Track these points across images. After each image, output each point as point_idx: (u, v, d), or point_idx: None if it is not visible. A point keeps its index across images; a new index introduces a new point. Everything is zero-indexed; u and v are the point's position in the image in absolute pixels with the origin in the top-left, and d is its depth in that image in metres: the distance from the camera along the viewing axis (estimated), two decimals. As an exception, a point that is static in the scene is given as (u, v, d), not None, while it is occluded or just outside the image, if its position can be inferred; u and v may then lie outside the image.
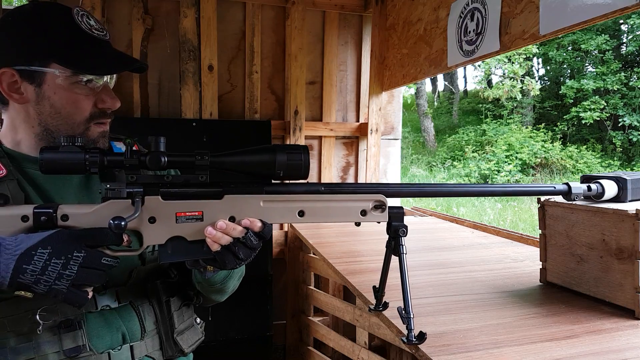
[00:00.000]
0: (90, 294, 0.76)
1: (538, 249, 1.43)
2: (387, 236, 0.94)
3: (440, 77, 17.78)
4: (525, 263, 1.65)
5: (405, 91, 14.80)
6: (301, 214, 0.83)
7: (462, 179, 10.69)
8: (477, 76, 14.68)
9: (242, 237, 0.78)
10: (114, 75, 0.92)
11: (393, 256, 0.95)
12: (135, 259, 0.91)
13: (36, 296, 0.72)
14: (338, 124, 2.90)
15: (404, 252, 0.91)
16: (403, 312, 0.90)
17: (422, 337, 0.90)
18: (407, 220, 0.91)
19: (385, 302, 1.11)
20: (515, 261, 1.68)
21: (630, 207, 1.13)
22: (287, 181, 0.83)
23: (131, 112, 2.53)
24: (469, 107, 16.48)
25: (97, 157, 0.74)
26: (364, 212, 0.86)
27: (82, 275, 0.71)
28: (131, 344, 0.89)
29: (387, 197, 0.88)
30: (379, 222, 0.89)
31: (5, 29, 0.85)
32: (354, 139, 2.98)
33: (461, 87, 19.01)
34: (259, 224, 0.79)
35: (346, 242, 2.01)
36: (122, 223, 0.70)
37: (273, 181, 0.84)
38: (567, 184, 1.08)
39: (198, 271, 0.89)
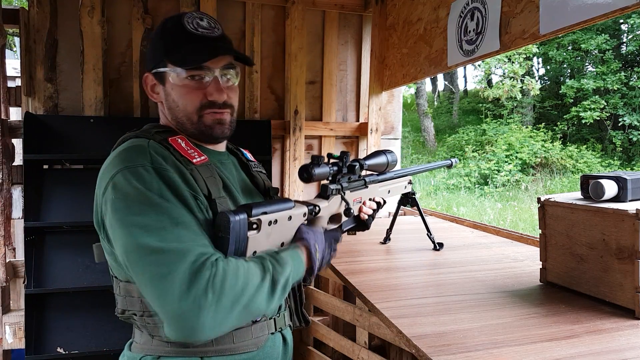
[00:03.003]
0: None
1: (538, 249, 1.43)
2: (400, 198, 1.79)
3: (440, 76, 17.78)
4: (525, 263, 1.64)
5: (405, 91, 14.79)
6: (389, 192, 1.38)
7: (462, 178, 10.68)
8: (477, 76, 14.67)
9: (375, 209, 1.27)
10: (231, 71, 1.02)
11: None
12: None
13: None
14: (338, 124, 2.90)
15: (418, 203, 1.82)
16: (430, 234, 1.87)
17: (441, 245, 1.83)
18: (407, 220, 0.98)
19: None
20: (515, 261, 1.68)
21: (630, 207, 1.13)
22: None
23: (131, 112, 2.53)
24: (469, 106, 16.47)
25: (335, 170, 1.13)
26: (407, 185, 1.52)
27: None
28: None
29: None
30: (404, 191, 1.52)
31: (150, 43, 1.04)
32: (354, 139, 2.98)
33: (461, 86, 19.01)
34: (380, 200, 1.30)
35: (346, 242, 2.01)
36: (352, 209, 1.15)
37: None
38: (450, 159, 1.83)
39: None
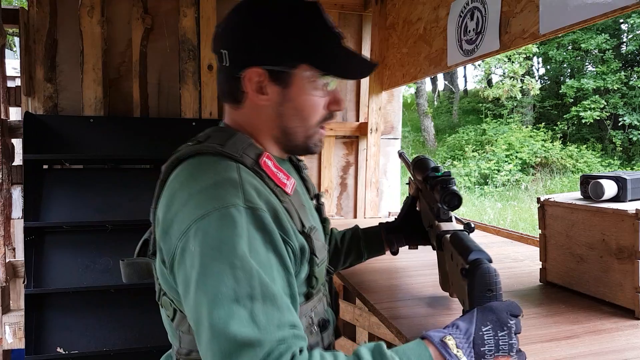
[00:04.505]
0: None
1: (538, 249, 1.43)
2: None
3: (440, 76, 17.80)
4: (525, 263, 1.64)
5: (405, 90, 14.80)
6: None
7: (462, 178, 10.68)
8: (477, 75, 14.69)
9: None
10: None
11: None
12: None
13: None
14: (338, 124, 2.90)
15: None
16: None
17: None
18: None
19: None
20: (515, 261, 1.68)
21: (630, 207, 1.13)
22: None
23: (131, 112, 2.53)
24: (469, 106, 16.47)
25: None
26: None
27: (517, 341, 0.71)
28: None
29: None
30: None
31: (257, 23, 0.78)
32: (354, 139, 2.97)
33: (461, 86, 19.02)
34: None
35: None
36: (473, 226, 0.98)
37: None
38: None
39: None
